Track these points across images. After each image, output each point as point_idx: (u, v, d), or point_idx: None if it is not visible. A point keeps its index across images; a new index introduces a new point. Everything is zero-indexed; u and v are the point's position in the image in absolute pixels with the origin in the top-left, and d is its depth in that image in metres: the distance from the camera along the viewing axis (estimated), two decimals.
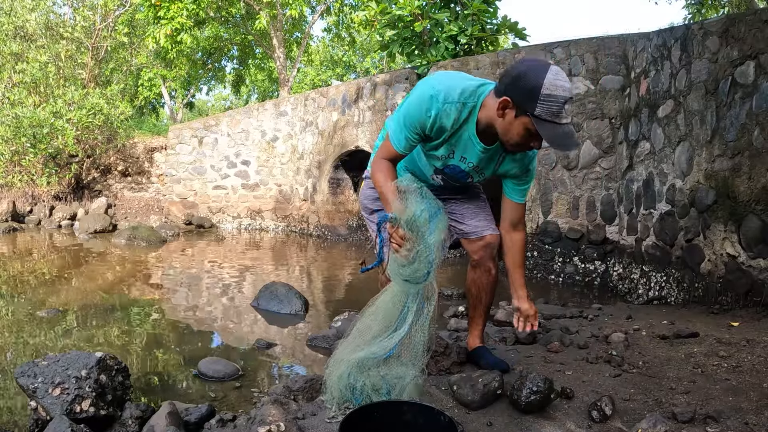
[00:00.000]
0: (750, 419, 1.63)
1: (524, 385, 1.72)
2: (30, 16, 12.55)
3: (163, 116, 25.15)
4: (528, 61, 1.70)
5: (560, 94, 1.62)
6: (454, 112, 1.78)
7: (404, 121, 1.83)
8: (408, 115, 1.81)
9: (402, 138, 1.85)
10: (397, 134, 1.85)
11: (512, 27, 8.15)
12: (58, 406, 1.82)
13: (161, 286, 5.17)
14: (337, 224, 9.45)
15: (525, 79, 1.64)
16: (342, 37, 16.99)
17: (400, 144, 1.86)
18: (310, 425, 1.73)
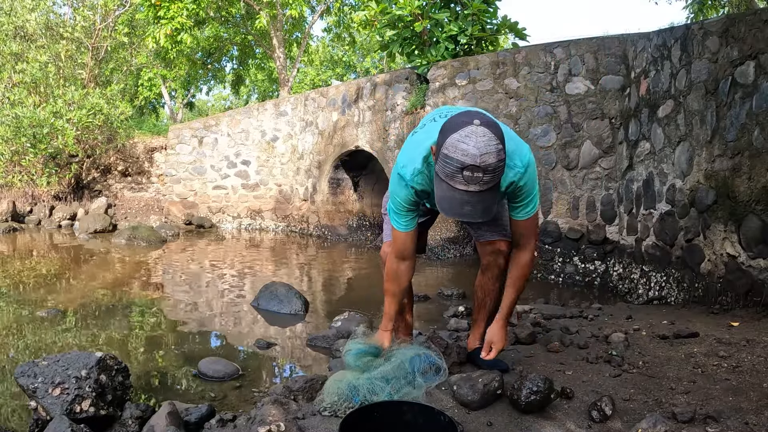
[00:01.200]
0: (750, 419, 1.63)
1: (524, 385, 1.72)
2: (30, 16, 12.55)
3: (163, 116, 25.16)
4: (456, 116, 1.65)
5: (457, 158, 1.55)
6: (422, 179, 1.88)
7: (395, 207, 1.96)
8: (395, 201, 1.95)
9: (401, 222, 1.98)
10: (398, 221, 1.99)
11: (512, 27, 8.16)
12: (58, 406, 1.82)
13: (161, 286, 5.17)
14: (337, 224, 9.45)
15: (441, 133, 1.64)
16: (342, 37, 16.99)
17: (402, 227, 1.99)
18: (310, 425, 1.73)
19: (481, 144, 1.55)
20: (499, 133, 1.59)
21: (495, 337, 1.97)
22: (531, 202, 1.91)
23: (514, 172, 1.82)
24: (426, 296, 4.51)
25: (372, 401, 1.71)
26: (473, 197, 1.58)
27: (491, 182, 1.58)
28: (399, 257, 2.05)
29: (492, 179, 1.58)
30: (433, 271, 6.11)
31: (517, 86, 6.02)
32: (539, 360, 2.33)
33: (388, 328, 2.09)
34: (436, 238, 7.04)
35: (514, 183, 1.84)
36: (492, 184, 1.59)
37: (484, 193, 1.59)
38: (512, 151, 1.81)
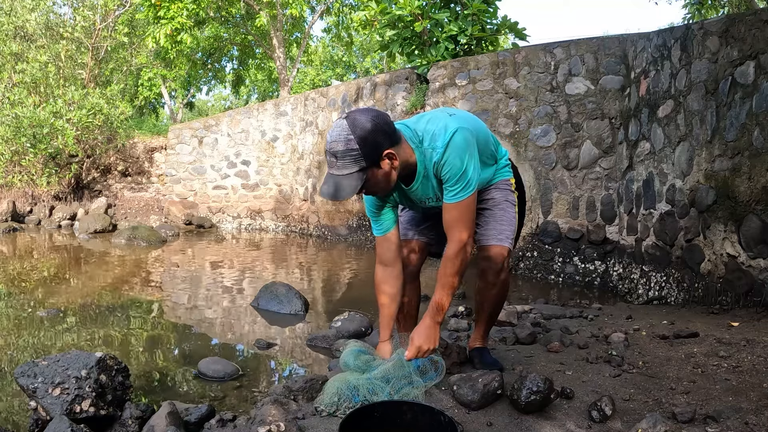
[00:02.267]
0: (750, 419, 1.63)
1: (524, 385, 1.72)
2: (30, 16, 12.55)
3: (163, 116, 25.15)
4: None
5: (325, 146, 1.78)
6: None
7: (368, 214, 2.08)
8: (366, 208, 2.08)
9: (375, 227, 2.07)
10: (373, 227, 2.08)
11: (512, 27, 8.16)
12: (58, 406, 1.82)
13: (161, 286, 5.16)
14: (337, 224, 9.45)
15: None
16: (342, 37, 17.00)
17: (376, 230, 2.07)
18: (310, 425, 1.73)
19: (334, 133, 1.74)
20: (361, 127, 1.71)
21: (415, 335, 1.86)
22: (458, 185, 1.83)
23: (435, 153, 1.85)
24: (426, 296, 4.50)
25: (372, 401, 1.71)
26: (332, 178, 1.75)
27: (344, 167, 1.73)
28: (381, 263, 2.07)
29: (344, 165, 1.73)
30: (433, 271, 6.10)
31: (517, 86, 6.02)
32: (539, 360, 2.33)
33: (385, 339, 2.06)
34: None
35: (436, 163, 1.85)
36: (345, 171, 1.73)
37: (338, 177, 1.74)
38: (434, 133, 1.85)
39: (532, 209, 5.86)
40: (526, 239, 5.90)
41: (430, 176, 1.91)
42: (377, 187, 1.82)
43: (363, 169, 1.74)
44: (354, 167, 1.73)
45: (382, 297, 2.07)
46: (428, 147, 1.86)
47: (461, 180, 1.83)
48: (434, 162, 1.86)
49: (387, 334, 2.06)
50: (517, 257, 5.93)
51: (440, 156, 1.83)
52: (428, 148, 1.86)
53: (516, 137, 5.98)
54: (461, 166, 1.82)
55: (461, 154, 1.82)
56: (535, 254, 5.84)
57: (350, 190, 1.74)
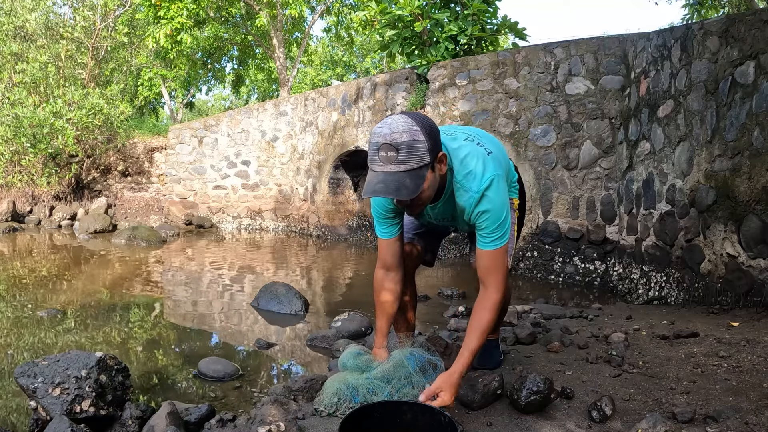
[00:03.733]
0: (750, 419, 1.63)
1: (524, 385, 1.72)
2: (30, 16, 12.55)
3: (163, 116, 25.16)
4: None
5: (373, 141, 1.58)
6: None
7: (375, 213, 1.97)
8: (373, 208, 1.97)
9: (380, 229, 1.98)
10: (378, 228, 1.99)
11: (512, 27, 8.16)
12: (58, 406, 1.82)
13: (161, 286, 5.16)
14: (337, 224, 9.45)
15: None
16: (342, 37, 17.00)
17: (381, 234, 1.98)
18: (310, 425, 1.73)
19: (394, 125, 1.56)
20: (424, 122, 1.59)
21: (445, 386, 1.63)
22: (496, 233, 1.75)
23: (468, 196, 1.74)
24: (426, 296, 4.51)
25: (372, 401, 1.71)
26: (388, 176, 1.56)
27: (407, 162, 1.55)
28: (383, 266, 2.00)
29: (408, 159, 1.55)
30: (433, 271, 6.11)
31: (517, 86, 6.02)
32: (539, 360, 2.33)
33: (381, 345, 2.00)
34: None
35: (471, 208, 1.75)
36: (409, 165, 1.55)
37: (400, 174, 1.55)
38: (471, 172, 1.74)
39: (532, 209, 5.86)
40: (526, 239, 5.90)
41: (457, 206, 1.82)
42: (427, 192, 1.67)
43: (428, 166, 1.59)
44: (419, 162, 1.56)
45: (381, 301, 2.00)
46: (461, 182, 1.76)
47: (499, 229, 1.75)
48: (464, 205, 1.78)
49: (383, 341, 2.01)
50: (517, 257, 5.93)
51: (476, 202, 1.74)
52: (460, 183, 1.77)
53: (516, 137, 5.98)
54: (500, 217, 1.74)
55: (500, 207, 1.74)
56: (535, 254, 5.84)
57: (414, 189, 1.57)
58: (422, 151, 1.56)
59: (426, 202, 1.70)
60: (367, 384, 1.77)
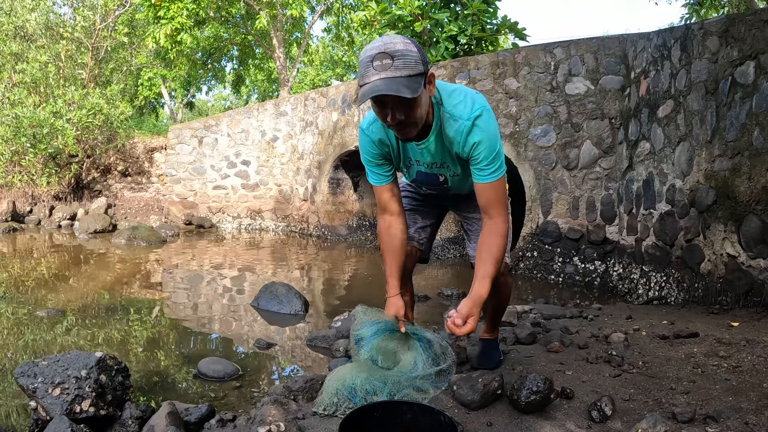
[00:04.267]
0: (750, 419, 1.63)
1: (524, 385, 1.72)
2: (30, 16, 12.55)
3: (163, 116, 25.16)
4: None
5: (366, 55, 1.56)
6: (377, 127, 1.86)
7: (365, 162, 1.95)
8: (363, 156, 1.95)
9: (373, 176, 1.96)
10: (371, 176, 1.97)
11: (512, 27, 8.16)
12: (58, 406, 1.82)
13: (161, 286, 5.16)
14: (337, 224, 9.45)
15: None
16: (342, 37, 17.00)
17: (375, 180, 1.96)
18: (310, 425, 1.73)
19: (386, 38, 1.57)
20: (413, 40, 1.60)
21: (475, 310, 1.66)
22: (492, 165, 1.74)
23: (459, 125, 1.72)
24: (426, 296, 4.51)
25: (372, 401, 1.71)
26: (386, 80, 1.53)
27: (403, 68, 1.53)
28: (385, 212, 1.97)
29: (404, 65, 1.53)
30: (433, 271, 6.11)
31: (517, 86, 6.02)
32: (539, 360, 2.33)
33: (395, 292, 1.93)
34: (436, 239, 7.03)
35: (463, 139, 1.73)
36: (405, 71, 1.53)
37: (398, 78, 1.53)
38: (461, 102, 1.73)
39: (532, 209, 5.86)
40: (526, 239, 5.90)
41: (447, 144, 1.79)
42: (421, 110, 1.63)
43: (422, 75, 1.57)
44: (415, 70, 1.55)
45: (389, 246, 1.95)
46: (450, 111, 1.73)
47: (495, 160, 1.74)
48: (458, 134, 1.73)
49: (396, 289, 1.94)
50: (517, 257, 5.93)
51: (467, 130, 1.71)
52: (449, 113, 1.73)
53: (516, 137, 5.98)
54: (495, 148, 1.73)
55: (493, 137, 1.73)
56: (535, 254, 5.84)
57: (412, 91, 1.53)
58: (416, 59, 1.56)
59: (419, 122, 1.66)
60: (367, 384, 1.77)
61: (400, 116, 1.61)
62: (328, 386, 1.83)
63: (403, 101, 1.57)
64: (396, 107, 1.59)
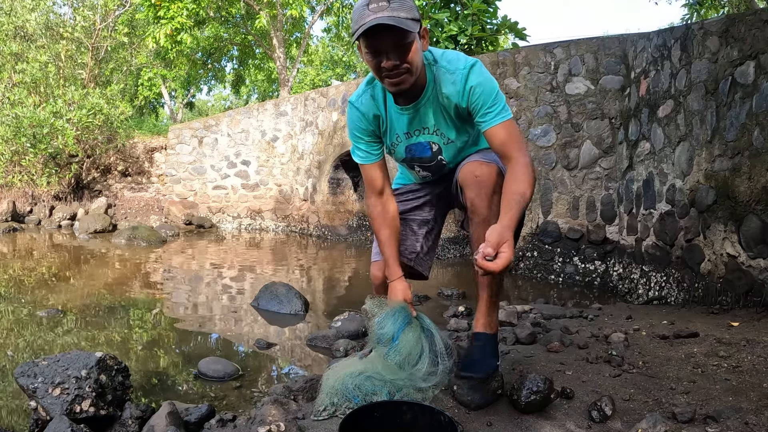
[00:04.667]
0: (750, 419, 1.63)
1: (524, 385, 1.72)
2: (30, 16, 12.56)
3: (163, 116, 25.16)
4: None
5: (361, 2, 1.54)
6: (367, 99, 1.83)
7: (352, 138, 1.92)
8: (350, 132, 1.91)
9: (360, 153, 1.91)
10: (357, 154, 1.93)
11: (512, 27, 8.16)
12: (58, 406, 1.82)
13: (161, 286, 5.16)
14: (337, 224, 9.45)
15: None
16: (342, 37, 17.01)
17: (362, 159, 1.92)
18: (310, 425, 1.73)
19: None
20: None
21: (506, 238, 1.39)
22: (496, 106, 1.66)
23: (455, 76, 1.68)
24: (426, 296, 4.51)
25: (372, 401, 1.71)
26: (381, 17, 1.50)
27: (399, 9, 1.51)
28: (375, 193, 1.92)
29: (400, 6, 1.52)
30: (433, 271, 6.10)
31: (517, 86, 6.02)
32: (539, 360, 2.33)
33: (396, 275, 1.88)
34: None
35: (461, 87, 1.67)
36: (402, 13, 1.51)
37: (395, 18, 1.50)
38: (452, 58, 1.71)
39: (532, 209, 5.86)
40: (526, 239, 5.90)
41: (443, 102, 1.73)
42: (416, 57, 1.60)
43: (418, 22, 1.56)
44: (411, 14, 1.54)
45: (386, 226, 1.90)
46: (445, 66, 1.70)
47: (498, 100, 1.67)
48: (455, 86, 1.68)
49: (398, 271, 1.89)
50: (517, 257, 5.93)
51: (464, 77, 1.66)
52: (444, 68, 1.70)
53: None
54: (494, 88, 1.67)
55: (489, 79, 1.68)
56: (535, 254, 5.84)
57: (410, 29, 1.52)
58: (412, 6, 1.56)
59: (414, 70, 1.61)
60: (368, 383, 1.77)
61: (395, 60, 1.57)
62: (325, 385, 1.83)
63: (399, 44, 1.54)
64: (391, 51, 1.56)
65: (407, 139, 1.86)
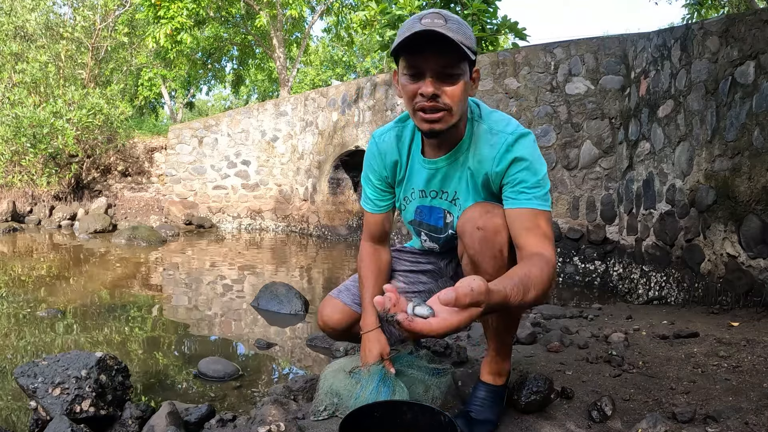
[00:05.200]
0: (750, 419, 1.63)
1: (524, 385, 1.72)
2: (30, 16, 12.56)
3: (163, 116, 25.17)
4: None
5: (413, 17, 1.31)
6: (391, 138, 1.59)
7: (363, 178, 1.69)
8: (364, 170, 1.69)
9: (366, 198, 1.70)
10: (365, 201, 1.71)
11: (512, 27, 8.16)
12: (58, 406, 1.82)
13: (161, 286, 5.16)
14: (337, 224, 9.45)
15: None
16: (342, 37, 17.02)
17: (366, 204, 1.71)
18: (310, 425, 1.73)
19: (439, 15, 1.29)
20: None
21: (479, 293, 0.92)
22: (539, 189, 1.36)
23: (498, 138, 1.41)
24: None
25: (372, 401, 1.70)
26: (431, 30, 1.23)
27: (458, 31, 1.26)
28: (371, 239, 1.72)
29: (458, 28, 1.27)
30: None
31: (517, 86, 6.02)
32: (539, 360, 2.33)
33: (373, 325, 1.65)
34: None
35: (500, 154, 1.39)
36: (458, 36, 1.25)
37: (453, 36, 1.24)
38: (500, 119, 1.45)
39: None
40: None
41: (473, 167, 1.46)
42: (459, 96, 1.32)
43: (474, 54, 1.30)
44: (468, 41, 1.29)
45: (373, 271, 1.69)
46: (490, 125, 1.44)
47: (543, 185, 1.37)
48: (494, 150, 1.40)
49: (375, 319, 1.66)
50: None
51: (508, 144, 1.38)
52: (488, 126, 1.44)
53: None
54: (539, 170, 1.38)
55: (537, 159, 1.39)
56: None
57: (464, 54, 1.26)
58: (471, 35, 1.31)
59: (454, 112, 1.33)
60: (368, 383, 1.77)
61: (437, 90, 1.28)
62: (323, 385, 1.83)
63: (446, 70, 1.28)
64: (435, 76, 1.28)
65: (421, 198, 1.60)
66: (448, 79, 1.29)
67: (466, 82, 1.33)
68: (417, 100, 1.32)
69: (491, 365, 1.62)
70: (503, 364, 1.62)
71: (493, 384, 1.62)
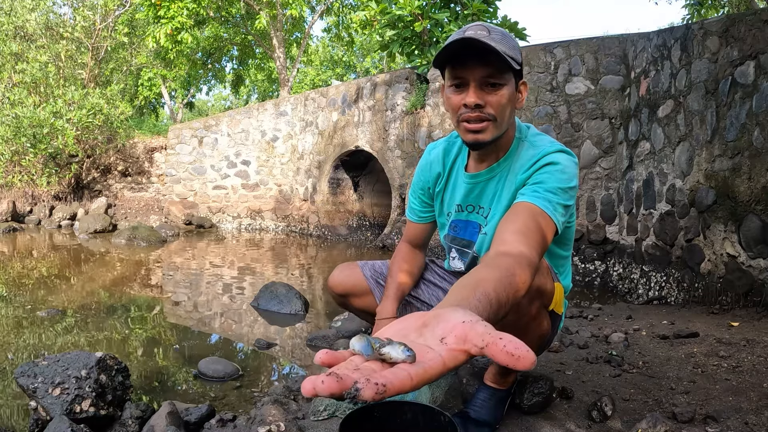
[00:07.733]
0: (750, 419, 1.63)
1: (526, 388, 1.72)
2: (30, 16, 12.57)
3: (163, 116, 25.17)
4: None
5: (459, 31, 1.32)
6: (440, 150, 1.60)
7: (412, 187, 1.70)
8: (414, 179, 1.69)
9: (410, 206, 1.72)
10: (410, 210, 1.73)
11: (512, 27, 8.16)
12: (58, 406, 1.82)
13: (161, 286, 5.16)
14: (337, 224, 9.45)
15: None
16: (341, 37, 17.02)
17: (410, 213, 1.73)
18: (310, 425, 1.73)
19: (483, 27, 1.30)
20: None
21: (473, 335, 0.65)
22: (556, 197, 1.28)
23: (537, 150, 1.38)
24: None
25: None
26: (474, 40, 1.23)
27: (501, 42, 1.26)
28: (409, 242, 1.75)
29: (502, 39, 1.27)
30: None
31: None
32: (539, 360, 2.33)
33: (389, 313, 1.61)
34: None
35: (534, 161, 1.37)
36: (501, 47, 1.24)
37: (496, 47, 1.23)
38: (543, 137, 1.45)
39: None
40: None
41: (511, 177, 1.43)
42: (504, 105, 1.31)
43: (519, 65, 1.31)
44: (513, 52, 1.29)
45: (400, 267, 1.67)
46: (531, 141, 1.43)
47: (561, 195, 1.29)
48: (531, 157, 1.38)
49: (394, 308, 1.62)
50: None
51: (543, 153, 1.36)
52: (529, 141, 1.43)
53: None
54: (567, 183, 1.31)
55: (571, 174, 1.33)
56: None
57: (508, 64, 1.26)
58: (516, 47, 1.32)
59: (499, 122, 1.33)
60: None
61: (480, 100, 1.29)
62: None
63: (491, 79, 1.28)
64: (480, 85, 1.29)
65: (457, 213, 1.58)
66: (491, 88, 1.30)
67: (510, 92, 1.33)
68: (461, 111, 1.33)
69: (497, 374, 1.59)
70: (510, 374, 1.58)
71: (496, 387, 1.60)
